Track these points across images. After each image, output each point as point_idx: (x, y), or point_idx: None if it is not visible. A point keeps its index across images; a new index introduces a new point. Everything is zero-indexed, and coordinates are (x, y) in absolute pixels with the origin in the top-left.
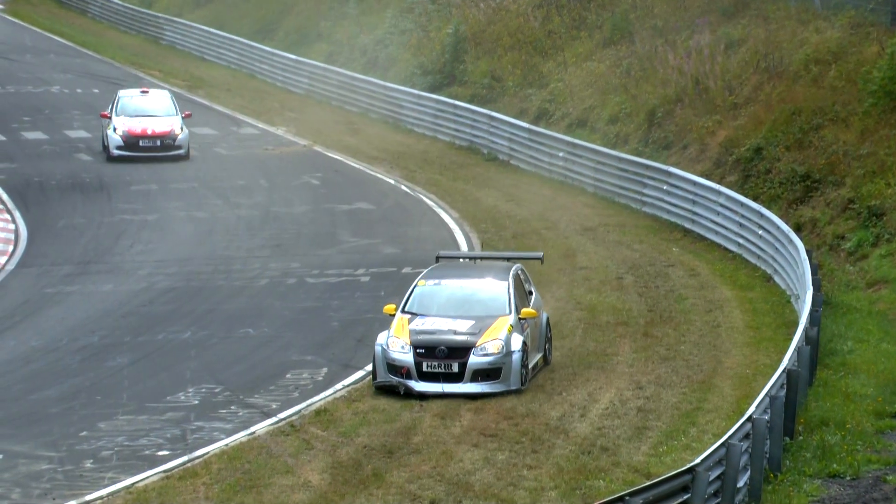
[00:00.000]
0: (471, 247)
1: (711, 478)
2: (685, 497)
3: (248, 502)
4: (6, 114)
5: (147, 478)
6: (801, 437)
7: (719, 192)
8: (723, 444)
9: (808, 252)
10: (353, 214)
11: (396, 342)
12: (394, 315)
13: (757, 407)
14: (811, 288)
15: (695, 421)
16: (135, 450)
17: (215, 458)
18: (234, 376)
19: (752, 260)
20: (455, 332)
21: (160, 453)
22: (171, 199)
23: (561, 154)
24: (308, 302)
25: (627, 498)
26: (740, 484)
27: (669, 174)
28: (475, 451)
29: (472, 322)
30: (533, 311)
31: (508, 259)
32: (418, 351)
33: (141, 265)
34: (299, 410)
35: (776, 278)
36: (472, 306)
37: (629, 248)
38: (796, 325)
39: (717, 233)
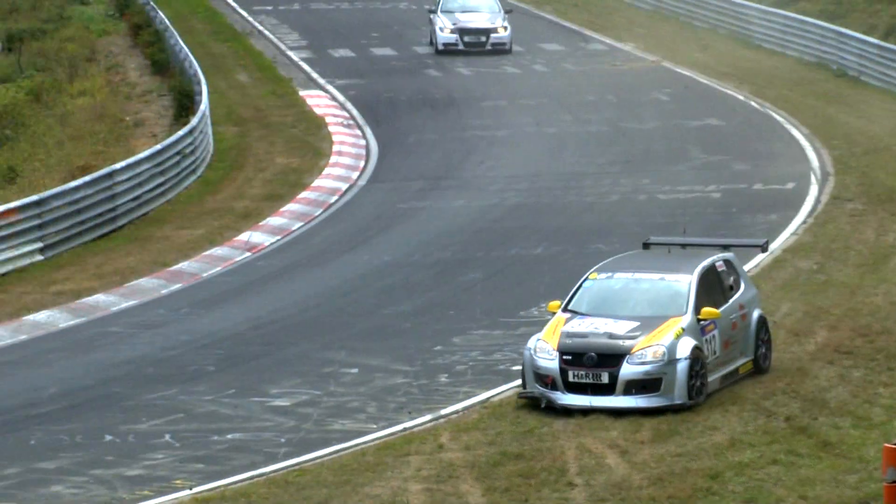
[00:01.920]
0: (822, 164)
1: None
2: None
3: (603, 417)
4: (355, 30)
5: (501, 392)
6: None
7: None
8: None
9: None
10: (702, 130)
11: (544, 347)
12: (555, 314)
13: None
14: None
15: None
16: (489, 364)
17: None
18: None
19: None
20: (610, 336)
21: (514, 368)
22: (521, 114)
23: None
24: (659, 218)
25: None
26: None
27: None
28: (830, 369)
29: (637, 324)
30: (715, 310)
31: (726, 247)
32: (564, 357)
33: (492, 181)
34: None
35: None
36: (644, 305)
37: None
38: None
39: None
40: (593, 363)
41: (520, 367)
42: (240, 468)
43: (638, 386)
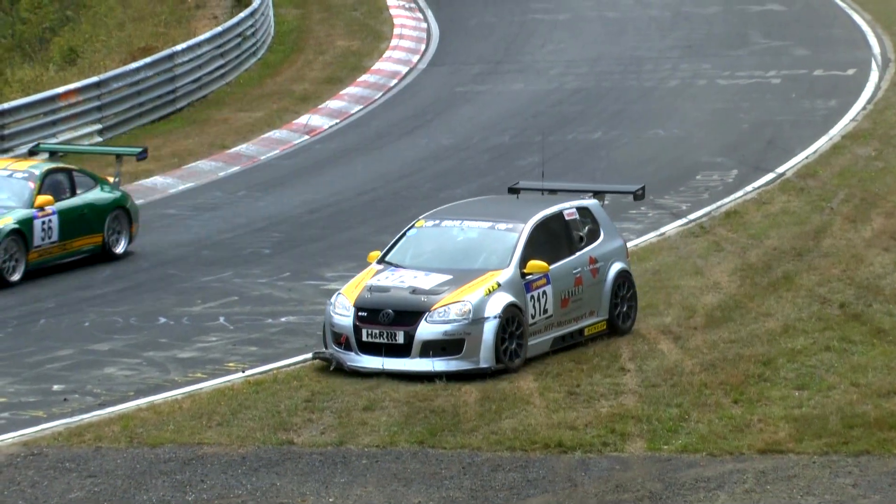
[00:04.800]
0: (883, 51)
1: None
2: None
3: (658, 303)
4: None
5: None
6: None
7: None
8: None
9: None
10: (763, 15)
11: (343, 302)
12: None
13: None
14: None
15: None
16: None
17: None
18: (643, 176)
19: None
20: (414, 291)
21: None
22: None
23: None
24: (718, 103)
25: None
26: None
27: None
28: (885, 255)
29: (449, 277)
30: (543, 264)
31: (596, 193)
32: (360, 314)
33: (551, 65)
34: (709, 212)
35: None
36: (465, 257)
37: None
38: None
39: None
40: (389, 321)
41: None
42: (293, 351)
43: (436, 347)
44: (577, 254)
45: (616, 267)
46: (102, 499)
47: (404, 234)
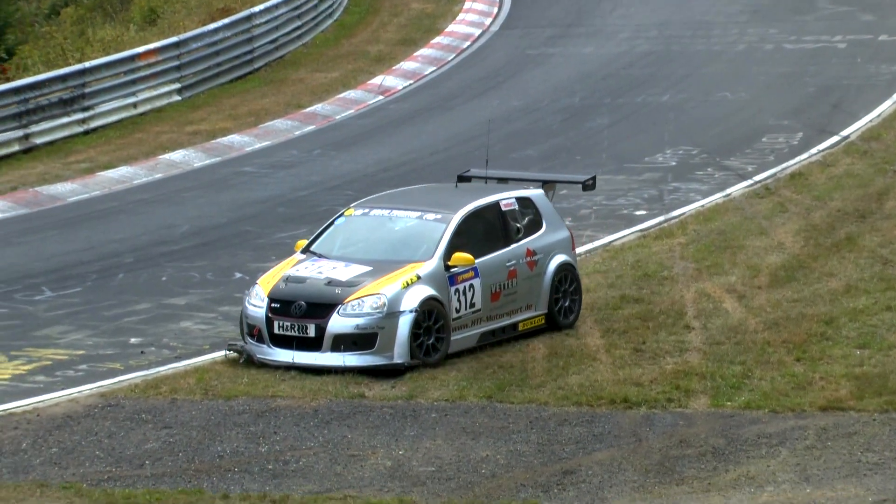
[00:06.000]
0: None
1: None
2: None
3: (723, 262)
4: None
5: (624, 236)
6: None
7: None
8: None
9: None
10: None
11: (258, 292)
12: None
13: None
14: None
15: None
16: (613, 209)
17: (691, 218)
18: (710, 139)
19: None
20: (329, 282)
21: (637, 213)
22: None
23: None
24: (784, 67)
25: None
26: None
27: None
28: None
29: (369, 269)
30: (468, 256)
31: (545, 182)
32: (273, 305)
33: (621, 28)
34: (774, 174)
35: None
36: (389, 247)
37: None
38: None
39: None
40: (301, 313)
41: (642, 213)
42: None
43: (348, 341)
44: (513, 246)
45: (557, 260)
46: (177, 449)
47: (332, 222)
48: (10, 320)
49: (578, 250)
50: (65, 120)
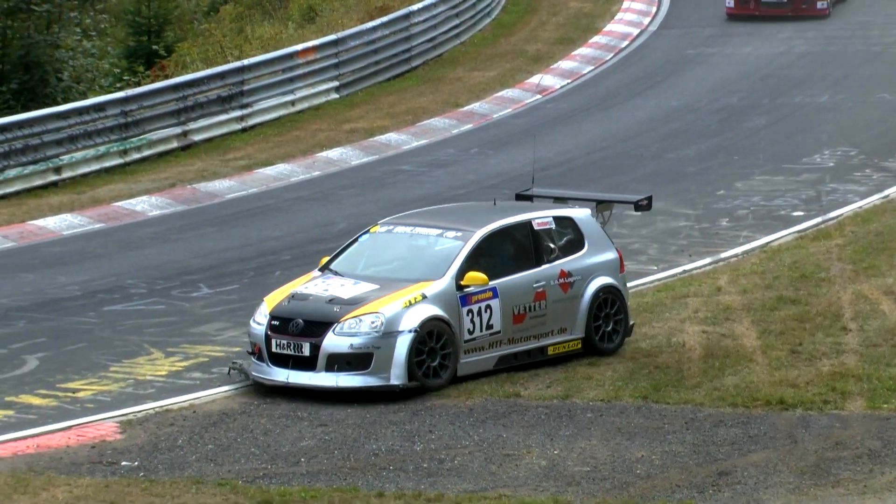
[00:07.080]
0: None
1: None
2: None
3: (880, 264)
4: None
5: (781, 237)
6: None
7: None
8: None
9: None
10: None
11: (262, 309)
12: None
13: None
14: None
15: None
16: (770, 209)
17: (848, 220)
18: (869, 140)
19: None
20: (330, 300)
21: (794, 214)
22: None
23: None
24: None
25: None
26: None
27: None
28: None
29: (376, 287)
30: (481, 275)
31: (600, 202)
32: (272, 323)
33: (780, 29)
34: None
35: None
36: (403, 265)
37: None
38: None
39: None
40: (298, 331)
41: (799, 214)
42: None
43: (342, 361)
44: (544, 267)
45: (599, 282)
46: (333, 447)
47: (356, 239)
48: (168, 317)
49: (735, 251)
50: (223, 117)
